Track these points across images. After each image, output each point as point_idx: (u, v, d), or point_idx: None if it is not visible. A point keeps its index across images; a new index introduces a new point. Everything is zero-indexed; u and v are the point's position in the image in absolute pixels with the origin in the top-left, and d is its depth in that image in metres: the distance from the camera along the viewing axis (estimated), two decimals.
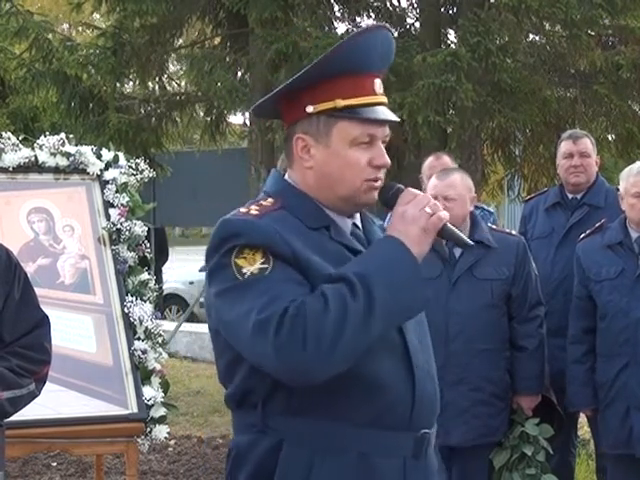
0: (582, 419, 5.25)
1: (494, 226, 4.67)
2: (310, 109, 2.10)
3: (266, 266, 1.99)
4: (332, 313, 1.91)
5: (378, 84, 2.14)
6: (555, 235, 4.90)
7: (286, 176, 2.20)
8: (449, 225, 2.08)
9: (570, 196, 4.96)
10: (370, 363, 2.04)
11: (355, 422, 2.05)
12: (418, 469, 2.13)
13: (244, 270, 1.99)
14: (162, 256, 12.36)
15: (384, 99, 2.16)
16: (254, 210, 2.08)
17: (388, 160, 2.14)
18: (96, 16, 12.24)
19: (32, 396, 2.87)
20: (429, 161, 5.35)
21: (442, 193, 4.25)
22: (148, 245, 4.80)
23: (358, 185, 2.11)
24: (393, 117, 2.16)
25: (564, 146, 4.97)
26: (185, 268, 15.52)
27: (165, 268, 13.50)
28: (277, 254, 2.00)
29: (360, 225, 2.22)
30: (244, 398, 2.11)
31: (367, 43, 2.10)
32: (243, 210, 2.10)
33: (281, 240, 2.01)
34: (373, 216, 2.34)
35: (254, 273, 1.98)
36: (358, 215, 2.22)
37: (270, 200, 2.13)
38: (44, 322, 2.93)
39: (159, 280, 10.52)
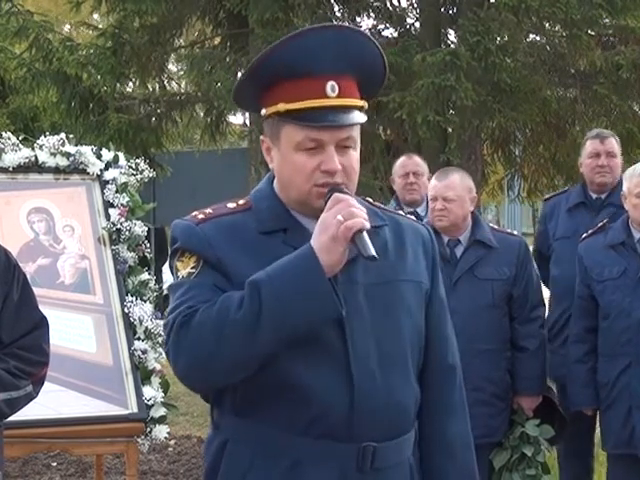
0: None
1: (495, 226, 4.66)
2: (263, 112, 2.09)
3: (194, 270, 2.04)
4: (213, 322, 1.93)
5: (330, 87, 2.01)
6: (579, 236, 4.84)
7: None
8: (362, 235, 1.94)
9: (594, 196, 4.87)
10: (297, 370, 1.98)
11: (288, 428, 2.01)
12: None
13: (179, 273, 2.07)
14: (162, 256, 12.34)
15: (341, 102, 2.03)
16: (202, 214, 2.12)
17: (336, 165, 2.02)
18: (96, 16, 12.23)
19: (29, 398, 2.86)
20: (401, 160, 5.37)
21: (441, 194, 4.24)
22: (148, 245, 4.80)
23: (307, 189, 2.04)
24: (345, 121, 2.03)
25: (590, 145, 4.89)
26: None
27: (165, 268, 13.48)
28: (206, 260, 2.03)
29: None
30: (205, 396, 2.17)
31: (312, 45, 2.00)
32: (195, 213, 2.14)
33: (208, 246, 2.04)
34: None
35: (183, 276, 2.05)
36: None
37: (241, 201, 2.15)
38: (43, 323, 2.92)
39: (159, 280, 10.52)
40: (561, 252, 4.77)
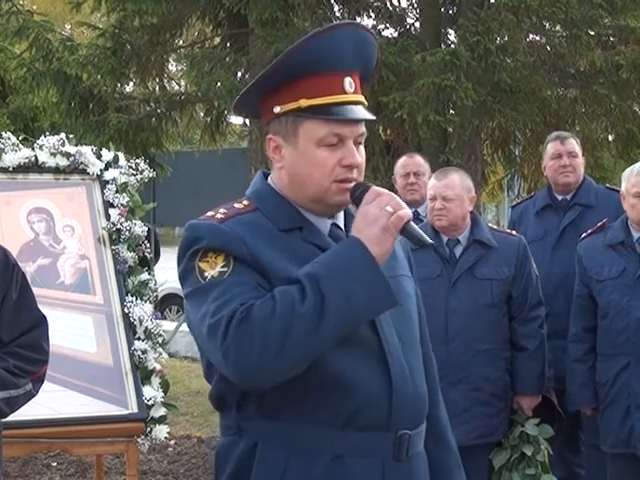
0: None
1: (494, 226, 4.67)
2: (277, 109, 2.08)
3: (226, 269, 1.99)
4: (278, 316, 1.90)
5: (348, 83, 2.07)
6: (549, 237, 4.90)
7: (269, 177, 2.20)
8: (412, 224, 2.03)
9: (560, 197, 4.96)
10: (339, 363, 2.00)
11: (328, 423, 2.02)
12: (400, 471, 2.09)
13: (206, 274, 2.00)
14: (155, 257, 12.35)
15: (357, 97, 2.09)
16: (220, 214, 2.08)
17: (358, 159, 2.08)
18: (95, 16, 12.22)
19: (29, 396, 2.86)
20: (402, 160, 5.37)
21: (440, 193, 4.25)
22: (148, 245, 4.80)
23: (327, 185, 2.07)
24: (364, 115, 2.09)
25: (552, 147, 4.98)
26: None
27: (165, 268, 13.48)
28: (238, 257, 2.00)
29: (343, 225, 2.18)
30: (220, 400, 2.13)
31: (333, 42, 2.04)
32: (210, 213, 2.10)
33: (242, 243, 2.01)
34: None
35: (214, 276, 1.99)
36: (342, 215, 2.19)
37: (245, 202, 2.13)
38: (42, 322, 2.92)
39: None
40: (532, 256, 4.79)
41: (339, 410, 2.02)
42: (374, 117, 2.14)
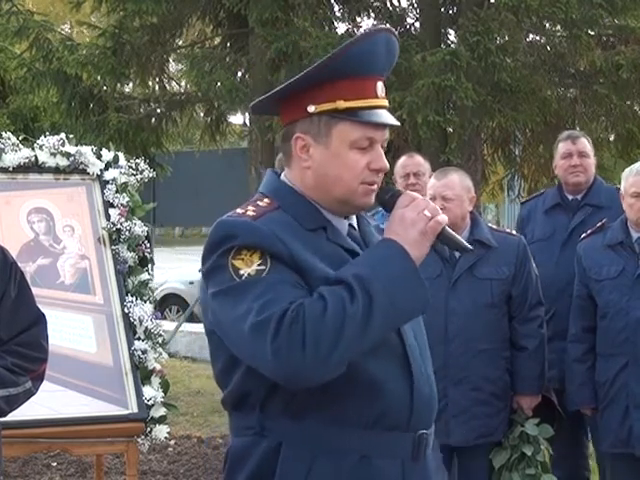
0: None
1: (494, 226, 4.67)
2: (311, 109, 2.09)
3: (263, 267, 1.98)
4: (331, 316, 1.91)
5: (380, 87, 2.13)
6: (557, 237, 4.87)
7: (282, 176, 2.19)
8: (448, 229, 2.07)
9: (570, 197, 4.93)
10: (369, 365, 2.03)
11: (356, 424, 2.04)
12: (417, 470, 2.12)
13: (241, 271, 1.98)
14: None
15: (386, 102, 2.14)
16: (251, 211, 2.07)
17: (386, 164, 2.12)
18: (95, 15, 12.23)
19: (28, 394, 2.87)
20: (402, 160, 5.35)
21: (440, 193, 4.25)
22: (148, 245, 4.79)
23: (355, 187, 2.09)
24: (393, 121, 2.14)
25: (563, 146, 4.95)
26: (185, 268, 15.50)
27: (165, 268, 13.51)
28: (274, 255, 1.99)
29: (356, 226, 2.21)
30: (242, 400, 2.10)
31: (373, 47, 2.08)
32: (240, 211, 2.08)
33: (278, 241, 2.00)
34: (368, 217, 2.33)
35: (251, 274, 1.97)
36: (354, 216, 2.22)
37: (266, 200, 2.12)
38: (41, 320, 2.93)
39: None
40: (539, 255, 4.78)
41: (368, 411, 2.05)
42: (399, 123, 2.19)
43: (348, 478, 2.04)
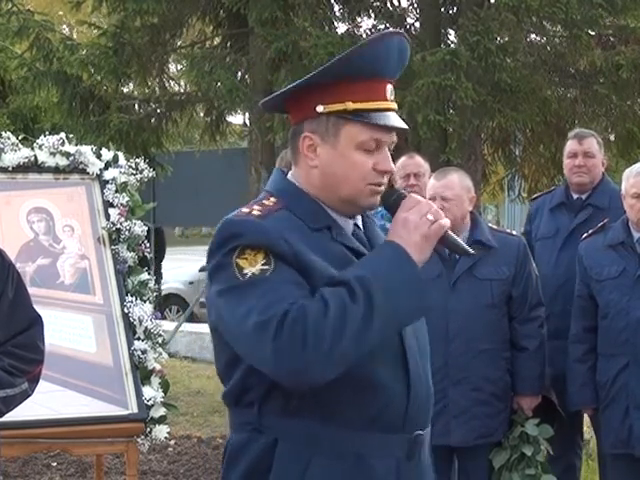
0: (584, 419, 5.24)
1: (494, 226, 4.67)
2: (320, 109, 2.10)
3: (267, 267, 1.99)
4: (332, 317, 1.92)
5: (390, 90, 2.14)
6: (559, 236, 4.86)
7: (289, 175, 2.20)
8: (450, 233, 2.09)
9: (575, 196, 4.92)
10: (367, 365, 2.04)
11: (352, 424, 2.05)
12: (411, 470, 2.14)
13: (245, 271, 1.99)
14: (160, 256, 12.38)
15: (394, 105, 2.16)
16: (256, 210, 2.08)
17: (393, 166, 2.14)
18: (95, 15, 12.22)
19: (25, 395, 2.87)
20: (402, 161, 5.34)
21: (439, 193, 4.25)
22: (148, 245, 4.80)
23: (361, 188, 2.11)
24: (402, 125, 2.15)
25: (569, 145, 4.93)
26: (185, 268, 15.51)
27: (165, 268, 13.51)
28: (279, 255, 2.00)
29: (361, 226, 2.22)
30: (241, 396, 2.12)
31: (386, 49, 2.10)
32: (245, 210, 2.09)
33: (283, 241, 2.01)
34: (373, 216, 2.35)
35: (255, 274, 1.98)
36: (360, 216, 2.23)
37: (272, 199, 2.13)
38: (37, 322, 2.93)
39: (158, 280, 10.53)
40: (541, 252, 4.78)
41: (364, 412, 2.06)
42: (407, 127, 2.19)
43: (343, 477, 2.06)
